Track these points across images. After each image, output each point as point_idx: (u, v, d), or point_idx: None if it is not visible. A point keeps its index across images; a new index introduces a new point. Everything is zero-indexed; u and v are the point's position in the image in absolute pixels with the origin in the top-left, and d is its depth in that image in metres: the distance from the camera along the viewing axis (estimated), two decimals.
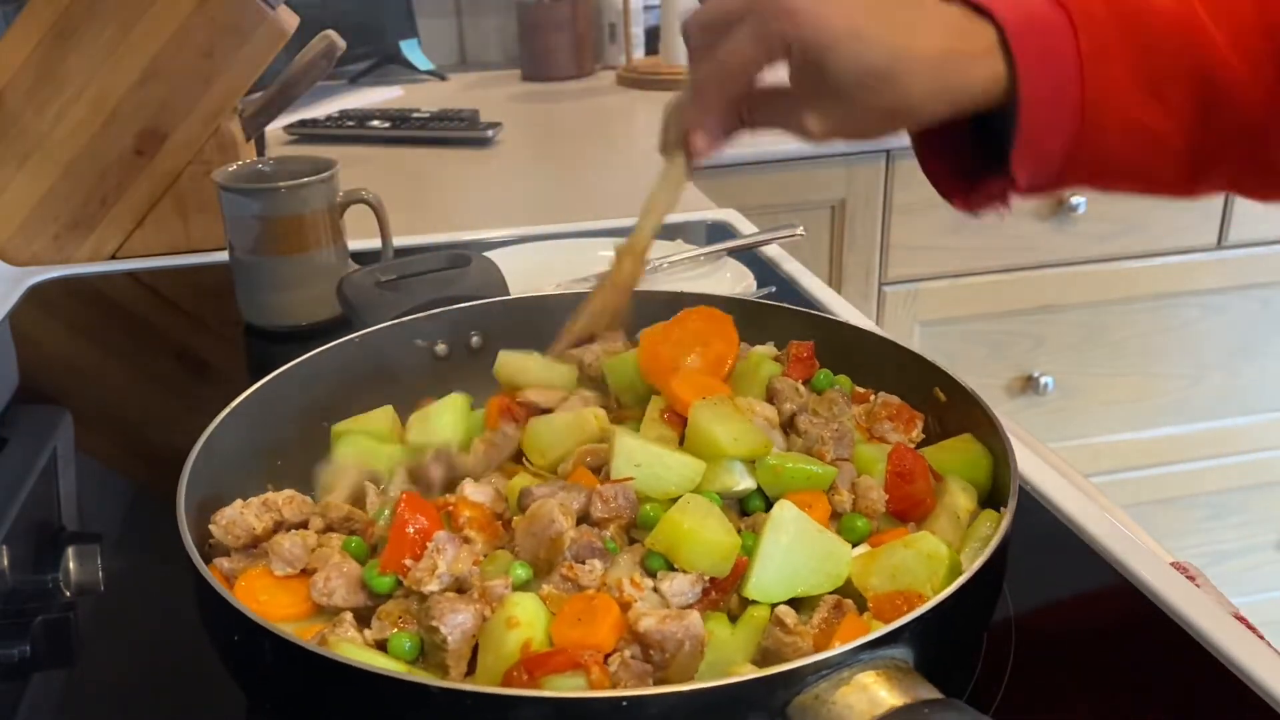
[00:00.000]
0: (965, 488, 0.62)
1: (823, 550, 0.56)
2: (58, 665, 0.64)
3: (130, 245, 1.24)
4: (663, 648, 0.50)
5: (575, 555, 0.55)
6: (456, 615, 0.51)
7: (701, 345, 0.68)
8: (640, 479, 0.59)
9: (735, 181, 1.65)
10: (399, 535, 0.56)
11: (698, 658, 0.51)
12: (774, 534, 0.55)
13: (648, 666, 0.50)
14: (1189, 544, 2.09)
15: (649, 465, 0.59)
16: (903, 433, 0.67)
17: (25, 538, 0.75)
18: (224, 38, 1.17)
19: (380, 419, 0.71)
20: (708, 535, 0.55)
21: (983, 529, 0.60)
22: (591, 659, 0.49)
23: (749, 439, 0.61)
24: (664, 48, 2.05)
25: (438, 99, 1.92)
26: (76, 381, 1.02)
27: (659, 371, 0.66)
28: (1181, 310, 1.92)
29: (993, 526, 0.60)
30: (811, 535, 0.56)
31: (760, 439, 0.61)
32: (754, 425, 0.62)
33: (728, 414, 0.62)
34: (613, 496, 0.58)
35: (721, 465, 0.61)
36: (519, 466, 0.66)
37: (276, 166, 1.05)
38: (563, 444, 0.65)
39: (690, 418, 0.62)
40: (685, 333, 0.69)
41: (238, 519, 0.60)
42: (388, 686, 0.45)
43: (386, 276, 0.89)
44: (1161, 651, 0.62)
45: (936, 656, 0.49)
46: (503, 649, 0.50)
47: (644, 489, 0.59)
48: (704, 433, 0.61)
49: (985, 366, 1.89)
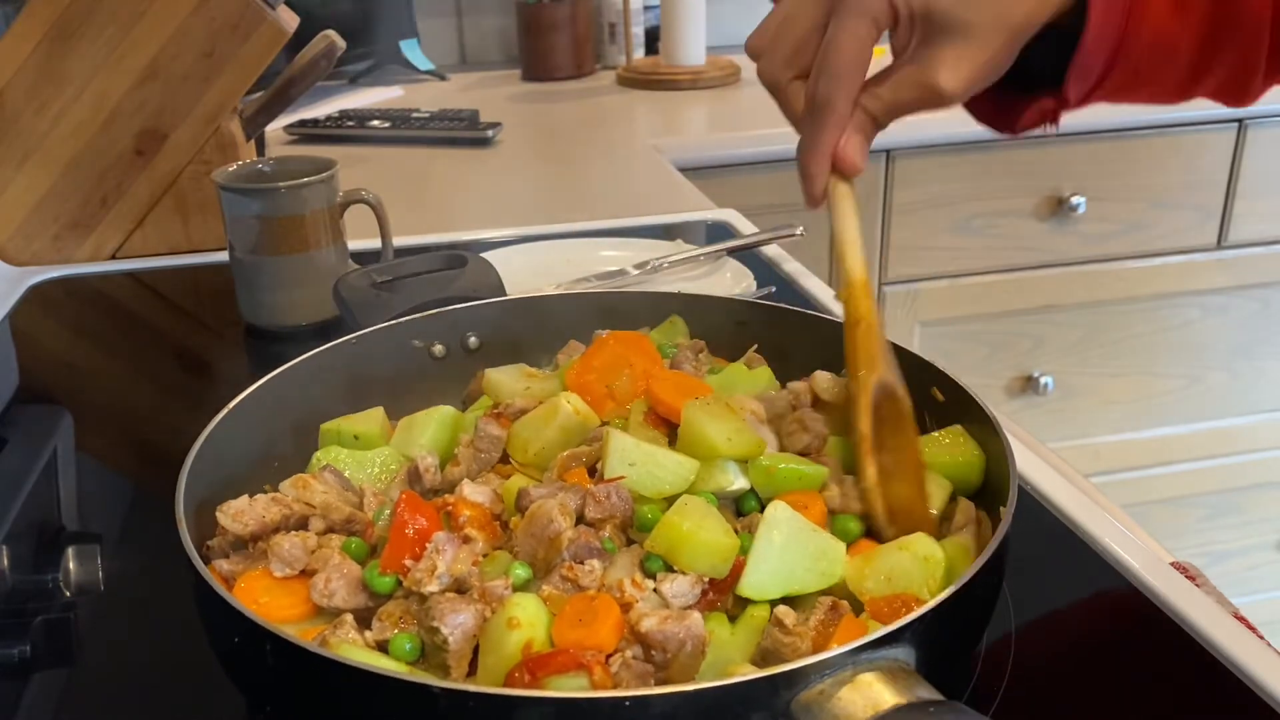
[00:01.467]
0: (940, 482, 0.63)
1: (816, 549, 0.56)
2: (58, 665, 0.64)
3: (130, 245, 1.24)
4: (664, 648, 0.50)
5: (574, 555, 0.55)
6: (457, 616, 0.51)
7: (627, 366, 0.69)
8: (634, 478, 0.59)
9: (735, 181, 1.65)
10: (398, 536, 0.56)
11: (699, 658, 0.51)
12: (768, 532, 0.55)
13: (649, 667, 0.50)
14: (1189, 544, 2.09)
15: (643, 464, 0.59)
16: None
17: (25, 538, 0.75)
18: (224, 38, 1.17)
19: (369, 421, 0.71)
20: (707, 537, 0.55)
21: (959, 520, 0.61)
22: (593, 659, 0.49)
23: (742, 438, 0.61)
24: (664, 48, 2.05)
25: (438, 99, 1.92)
26: (76, 381, 1.02)
27: (596, 401, 0.67)
28: (1181, 310, 1.92)
29: (966, 516, 0.61)
30: (805, 534, 0.56)
31: (753, 438, 0.62)
32: (747, 424, 0.63)
33: (720, 413, 0.62)
34: (606, 496, 0.58)
35: (716, 465, 0.61)
36: (511, 468, 0.67)
37: (276, 166, 1.05)
38: (540, 436, 0.65)
39: (684, 418, 0.62)
40: (607, 358, 0.70)
41: (246, 508, 0.60)
42: (390, 687, 0.45)
43: (383, 278, 0.88)
44: (1161, 651, 0.62)
45: (937, 657, 0.49)
46: (504, 650, 0.50)
47: (638, 488, 0.59)
48: (698, 433, 0.61)
49: (985, 366, 1.89)
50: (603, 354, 0.70)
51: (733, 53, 2.21)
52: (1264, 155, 1.83)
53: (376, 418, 0.72)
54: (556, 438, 0.65)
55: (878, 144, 1.94)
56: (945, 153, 1.72)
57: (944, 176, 1.74)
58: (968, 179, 1.75)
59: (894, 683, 0.45)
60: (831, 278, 1.77)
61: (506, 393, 0.71)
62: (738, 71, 2.05)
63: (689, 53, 2.02)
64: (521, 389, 0.71)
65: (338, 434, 0.70)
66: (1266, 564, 2.16)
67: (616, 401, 0.68)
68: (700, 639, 0.50)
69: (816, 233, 1.79)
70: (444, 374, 0.78)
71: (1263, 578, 2.16)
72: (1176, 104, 0.65)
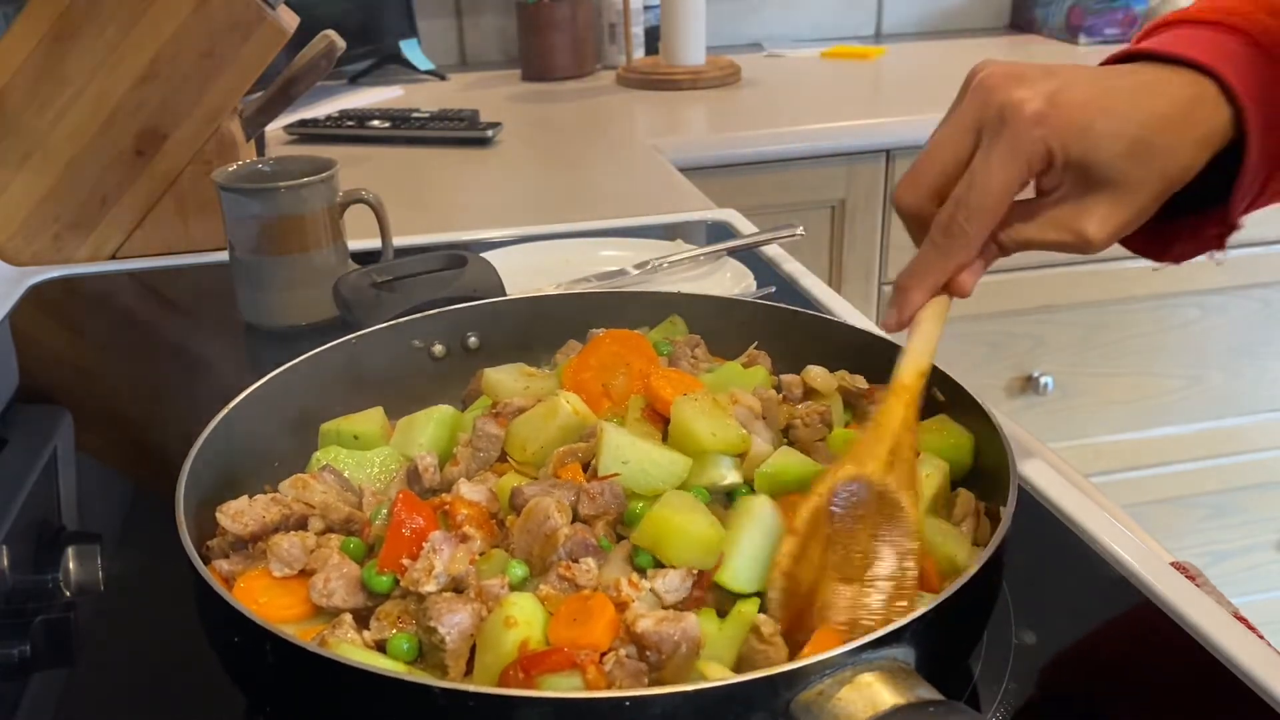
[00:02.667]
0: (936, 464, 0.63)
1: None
2: (58, 665, 0.64)
3: (130, 245, 1.24)
4: (659, 649, 0.50)
5: (569, 552, 0.55)
6: (454, 615, 0.52)
7: (624, 365, 0.70)
8: (628, 475, 0.60)
9: (735, 181, 1.65)
10: (396, 535, 0.56)
11: (694, 659, 0.51)
12: (744, 523, 0.56)
13: (643, 666, 0.50)
14: (1189, 544, 2.09)
15: (637, 461, 0.60)
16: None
17: (25, 538, 0.75)
18: (224, 38, 1.17)
19: (368, 421, 0.71)
20: (691, 529, 0.55)
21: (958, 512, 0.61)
22: (587, 659, 0.49)
23: (726, 433, 0.62)
24: (664, 48, 2.05)
25: (438, 99, 1.92)
26: (76, 381, 1.02)
27: (592, 400, 0.68)
28: (1181, 310, 1.92)
29: (965, 509, 0.61)
30: (781, 525, 0.56)
31: (737, 434, 0.62)
32: (732, 421, 0.63)
33: (707, 409, 0.63)
34: (600, 493, 0.59)
35: (708, 460, 0.62)
36: (507, 466, 0.67)
37: (276, 166, 1.05)
38: (539, 435, 0.65)
39: (673, 414, 0.63)
40: (604, 356, 0.70)
41: (246, 509, 0.60)
42: (389, 687, 0.45)
43: (383, 278, 0.89)
44: (1161, 651, 0.62)
45: (937, 656, 0.49)
46: (501, 648, 0.50)
47: (631, 485, 0.60)
48: (685, 428, 0.62)
49: (985, 366, 1.89)
50: (599, 352, 0.71)
51: (733, 53, 2.21)
52: None
53: (376, 418, 0.72)
54: (555, 437, 0.65)
55: (878, 144, 1.93)
56: None
57: None
58: None
59: (894, 683, 0.45)
60: (831, 278, 1.77)
61: (505, 392, 0.71)
62: (738, 71, 2.05)
63: (689, 53, 2.02)
64: (520, 388, 0.72)
65: (337, 434, 0.70)
66: (1266, 564, 2.16)
67: (613, 400, 0.69)
68: (695, 640, 0.51)
69: (817, 232, 1.79)
70: (444, 374, 0.78)
71: (1263, 578, 2.16)
72: None
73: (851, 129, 1.71)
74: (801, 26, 2.38)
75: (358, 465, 0.68)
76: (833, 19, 2.40)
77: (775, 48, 2.30)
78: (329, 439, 0.70)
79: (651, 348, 0.72)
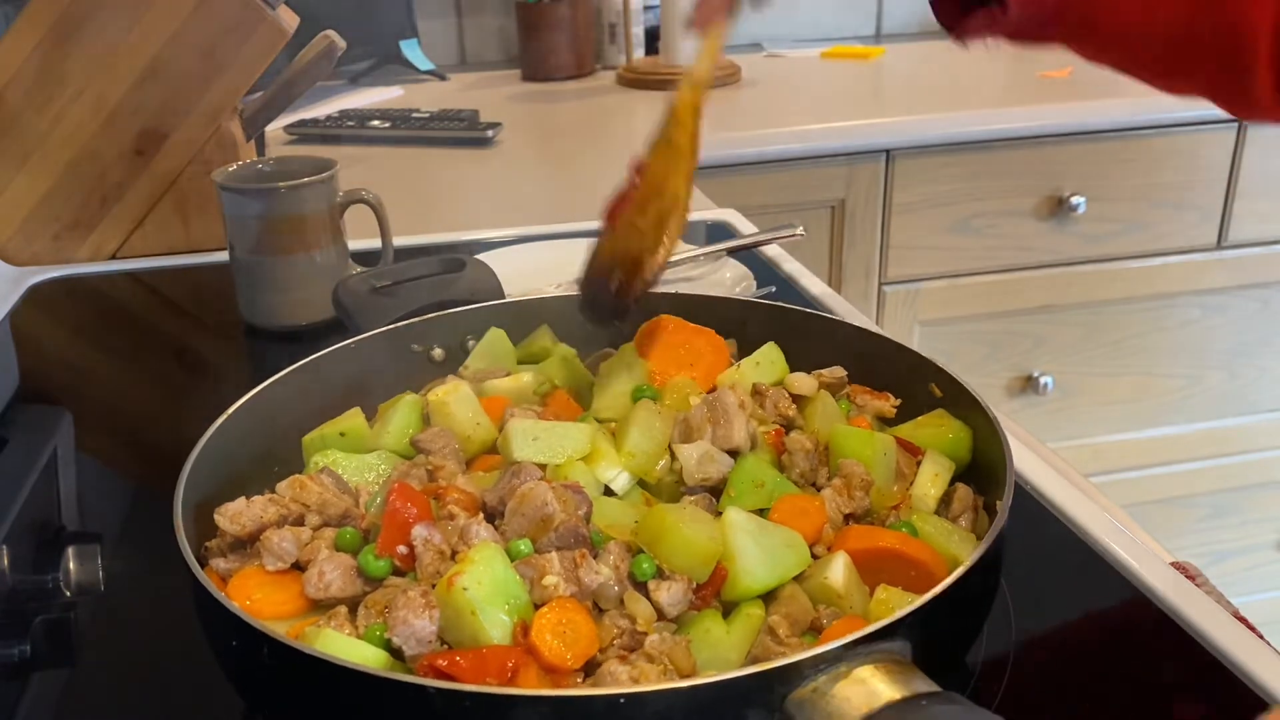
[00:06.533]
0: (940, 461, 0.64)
1: (783, 539, 0.57)
2: (58, 665, 0.64)
3: (130, 245, 1.24)
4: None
5: (560, 539, 0.55)
6: (409, 627, 0.51)
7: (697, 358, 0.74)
8: (539, 451, 0.64)
9: (735, 181, 1.65)
10: (392, 519, 0.57)
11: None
12: (738, 531, 0.56)
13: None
14: (1189, 544, 2.09)
15: (544, 437, 0.65)
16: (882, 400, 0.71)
17: (25, 538, 0.75)
18: (224, 38, 1.17)
19: (349, 418, 0.71)
20: (689, 531, 0.55)
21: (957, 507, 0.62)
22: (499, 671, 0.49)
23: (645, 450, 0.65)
24: (664, 48, 2.05)
25: (438, 99, 1.92)
26: (76, 381, 1.02)
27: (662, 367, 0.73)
28: (1181, 310, 1.92)
29: (964, 504, 0.62)
30: (768, 527, 0.58)
31: (651, 464, 0.65)
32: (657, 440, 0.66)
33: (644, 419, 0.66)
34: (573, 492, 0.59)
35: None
36: (497, 459, 0.67)
37: (276, 166, 1.05)
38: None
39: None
40: (685, 350, 0.74)
41: (244, 510, 0.60)
42: (384, 688, 0.45)
43: (382, 282, 0.89)
44: (1161, 651, 0.62)
45: (934, 650, 0.49)
46: (478, 640, 0.51)
47: (547, 458, 0.64)
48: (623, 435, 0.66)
49: (985, 366, 1.89)
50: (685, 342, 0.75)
51: (733, 52, 2.21)
52: (1264, 155, 1.83)
53: (354, 416, 0.71)
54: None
55: (878, 144, 1.93)
56: (944, 153, 1.72)
57: (943, 176, 1.74)
58: (967, 179, 1.75)
59: (890, 677, 0.45)
60: (831, 278, 1.77)
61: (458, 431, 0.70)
62: (738, 71, 2.05)
63: (689, 53, 2.02)
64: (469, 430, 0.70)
65: (322, 439, 0.69)
66: (1266, 564, 2.16)
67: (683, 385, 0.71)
68: None
69: (817, 232, 1.79)
70: (442, 378, 0.78)
71: (1263, 578, 2.16)
72: (1166, 91, 0.65)
73: (851, 129, 1.71)
74: (801, 27, 2.38)
75: (356, 469, 0.67)
76: (833, 19, 2.40)
77: (775, 48, 2.30)
78: (313, 447, 0.69)
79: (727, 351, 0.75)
